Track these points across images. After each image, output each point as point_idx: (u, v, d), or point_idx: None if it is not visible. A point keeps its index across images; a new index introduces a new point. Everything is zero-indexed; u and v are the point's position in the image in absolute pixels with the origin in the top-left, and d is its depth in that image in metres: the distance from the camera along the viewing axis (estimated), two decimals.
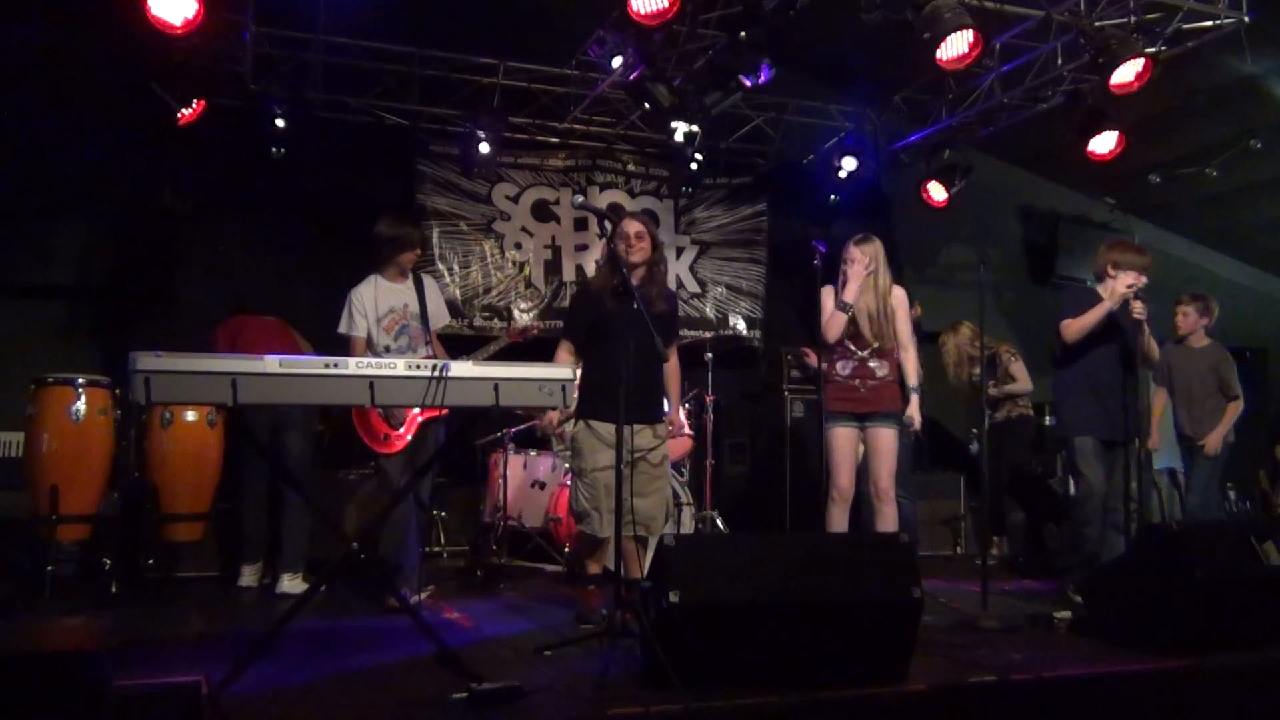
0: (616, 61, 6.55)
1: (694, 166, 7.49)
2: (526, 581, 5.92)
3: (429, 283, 5.24)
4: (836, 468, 4.84)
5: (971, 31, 5.55)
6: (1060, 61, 6.69)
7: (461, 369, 3.43)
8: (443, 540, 6.94)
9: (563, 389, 3.56)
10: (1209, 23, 6.04)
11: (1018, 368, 6.90)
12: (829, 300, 4.94)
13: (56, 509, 4.79)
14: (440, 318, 5.23)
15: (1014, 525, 7.15)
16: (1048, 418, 8.19)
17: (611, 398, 4.09)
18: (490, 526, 6.29)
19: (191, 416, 5.31)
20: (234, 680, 3.18)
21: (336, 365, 3.32)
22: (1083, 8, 6.10)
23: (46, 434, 4.95)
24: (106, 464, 5.11)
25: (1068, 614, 4.38)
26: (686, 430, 6.42)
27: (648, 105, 6.47)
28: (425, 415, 4.97)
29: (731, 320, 8.30)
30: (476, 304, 7.67)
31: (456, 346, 6.33)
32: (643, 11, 5.40)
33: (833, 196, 8.07)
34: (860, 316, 4.89)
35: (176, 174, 6.67)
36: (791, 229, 8.42)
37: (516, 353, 7.03)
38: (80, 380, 5.03)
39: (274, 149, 6.58)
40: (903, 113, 8.01)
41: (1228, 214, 9.00)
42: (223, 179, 6.82)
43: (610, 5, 5.91)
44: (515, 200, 7.91)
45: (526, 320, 7.79)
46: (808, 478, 7.34)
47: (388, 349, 4.99)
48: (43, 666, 2.49)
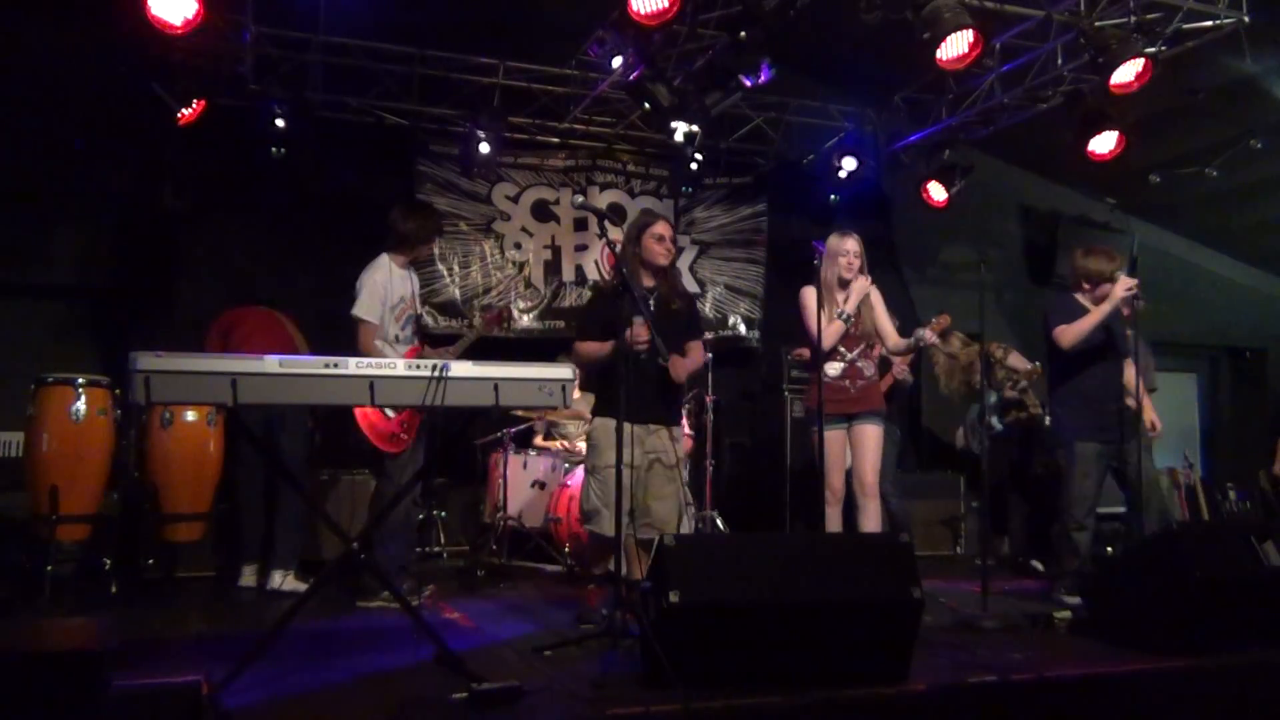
0: (616, 61, 6.55)
1: (694, 166, 7.49)
2: (526, 581, 5.92)
3: (412, 274, 5.26)
4: (827, 469, 4.82)
5: (971, 31, 5.55)
6: (1060, 61, 6.68)
7: (461, 369, 3.44)
8: (443, 540, 6.93)
9: (563, 389, 3.56)
10: (1209, 23, 6.04)
11: (1016, 359, 6.89)
12: (812, 301, 4.82)
13: (56, 509, 4.79)
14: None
15: (1015, 526, 7.16)
16: (1047, 418, 8.20)
17: (631, 396, 4.13)
18: (490, 526, 6.29)
19: (191, 416, 5.31)
20: (234, 680, 3.18)
21: (336, 365, 3.32)
22: (1083, 8, 6.10)
23: (46, 434, 4.95)
24: (106, 464, 5.11)
25: (1068, 614, 4.39)
26: (687, 430, 6.42)
27: (648, 105, 6.47)
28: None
29: (731, 320, 8.31)
30: (476, 304, 7.66)
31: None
32: (643, 11, 5.40)
33: (833, 196, 8.07)
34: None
35: (176, 174, 6.67)
36: (791, 229, 8.42)
37: (517, 353, 7.06)
38: (80, 380, 5.03)
39: (274, 149, 6.58)
40: (903, 113, 8.01)
41: (1228, 214, 8.99)
42: (223, 179, 6.82)
43: (610, 5, 5.90)
44: (515, 200, 7.91)
45: (526, 321, 7.81)
46: (807, 478, 7.34)
47: (397, 339, 5.00)
48: (43, 666, 2.49)
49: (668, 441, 4.49)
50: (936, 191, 7.94)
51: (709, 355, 6.81)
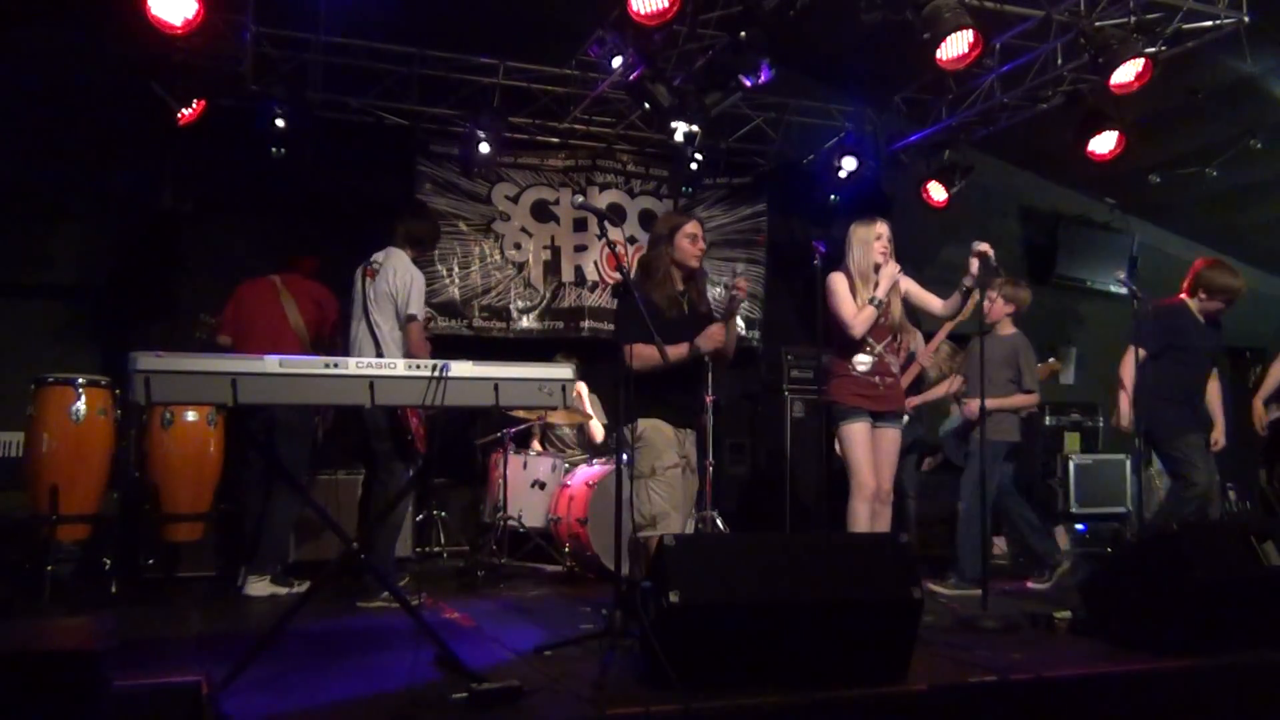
0: (616, 61, 6.55)
1: (694, 166, 7.49)
2: (526, 581, 5.92)
3: None
4: (860, 464, 4.65)
5: (971, 31, 5.55)
6: (1060, 61, 6.68)
7: (461, 369, 3.44)
8: (443, 540, 6.94)
9: (563, 389, 3.57)
10: (1209, 23, 6.04)
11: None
12: (843, 288, 4.70)
13: (56, 509, 4.79)
14: None
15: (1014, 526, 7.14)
16: (1047, 418, 8.21)
17: (676, 399, 4.15)
18: (490, 526, 6.29)
19: (191, 416, 5.31)
20: (234, 680, 3.18)
21: (336, 365, 3.32)
22: (1083, 8, 6.10)
23: (46, 434, 4.95)
24: (106, 464, 5.11)
25: (1068, 614, 4.38)
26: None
27: (648, 105, 6.47)
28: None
29: None
30: (476, 304, 7.67)
31: (456, 347, 6.35)
32: (643, 11, 5.40)
33: (833, 196, 8.07)
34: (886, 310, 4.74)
35: (176, 174, 6.67)
36: (791, 229, 8.42)
37: (517, 353, 7.06)
38: (80, 380, 5.03)
39: (274, 149, 6.58)
40: (903, 113, 8.01)
41: (1228, 214, 8.99)
42: (223, 179, 6.82)
43: (610, 5, 5.90)
44: (515, 200, 7.90)
45: (526, 321, 7.80)
46: (808, 478, 7.35)
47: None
48: (43, 666, 2.49)
49: (693, 446, 4.46)
50: (936, 191, 7.94)
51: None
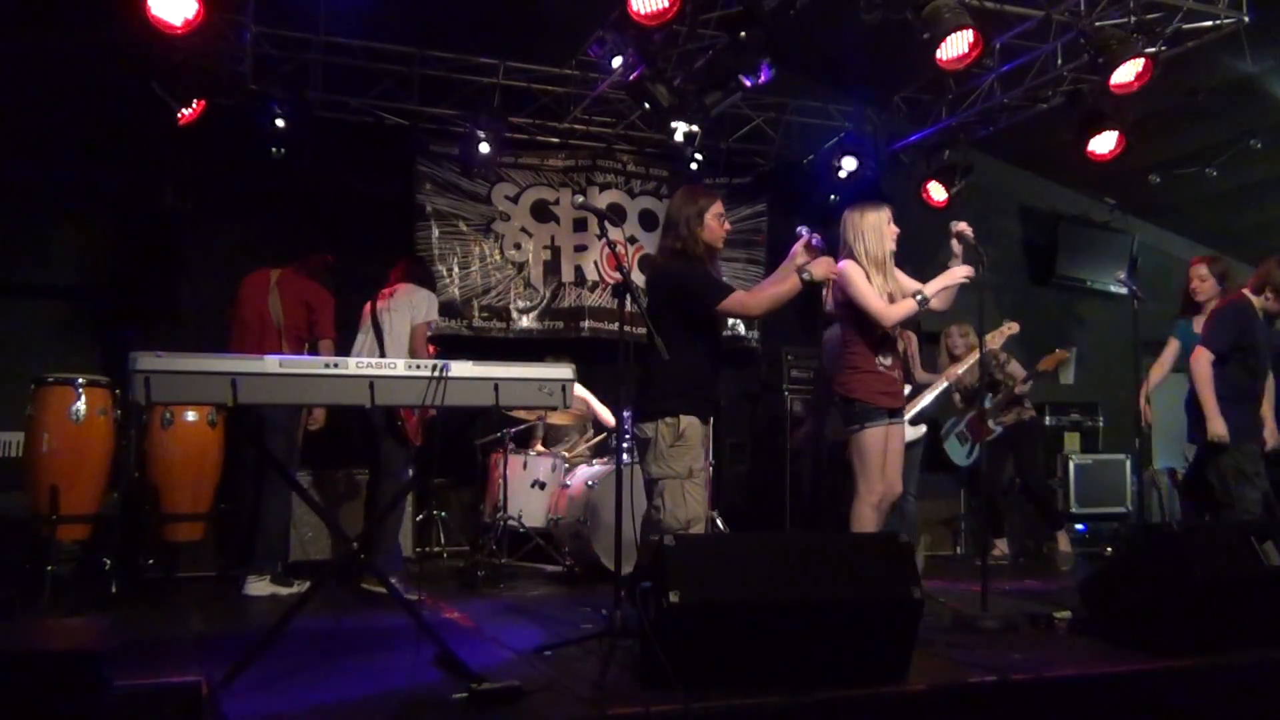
0: (616, 61, 6.55)
1: (694, 166, 7.49)
2: (526, 581, 5.92)
3: None
4: (874, 469, 4.42)
5: (971, 31, 5.55)
6: (1060, 61, 6.68)
7: (461, 369, 3.44)
8: (443, 540, 6.94)
9: (563, 389, 3.56)
10: (1209, 23, 6.04)
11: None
12: (863, 278, 4.48)
13: (56, 509, 4.79)
14: None
15: (1013, 527, 7.17)
16: (1047, 418, 8.22)
17: (707, 392, 4.05)
18: (490, 526, 6.29)
19: (191, 416, 5.31)
20: (234, 680, 3.18)
21: (336, 365, 3.32)
22: (1083, 8, 6.10)
23: (46, 434, 4.95)
24: (106, 464, 5.11)
25: (1068, 614, 4.38)
26: None
27: (648, 105, 6.47)
28: None
29: (731, 321, 8.30)
30: (476, 304, 7.67)
31: (456, 347, 6.35)
32: (643, 11, 5.40)
33: (833, 196, 8.06)
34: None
35: (176, 174, 6.67)
36: (791, 229, 8.39)
37: (517, 353, 7.06)
38: (80, 380, 5.02)
39: (274, 149, 6.58)
40: (903, 113, 8.01)
41: (1228, 214, 8.99)
42: (223, 179, 6.82)
43: (610, 5, 5.91)
44: (515, 200, 7.90)
45: (526, 321, 7.80)
46: (807, 478, 7.35)
47: None
48: (43, 666, 2.49)
49: (708, 442, 4.40)
50: (936, 191, 7.94)
51: None
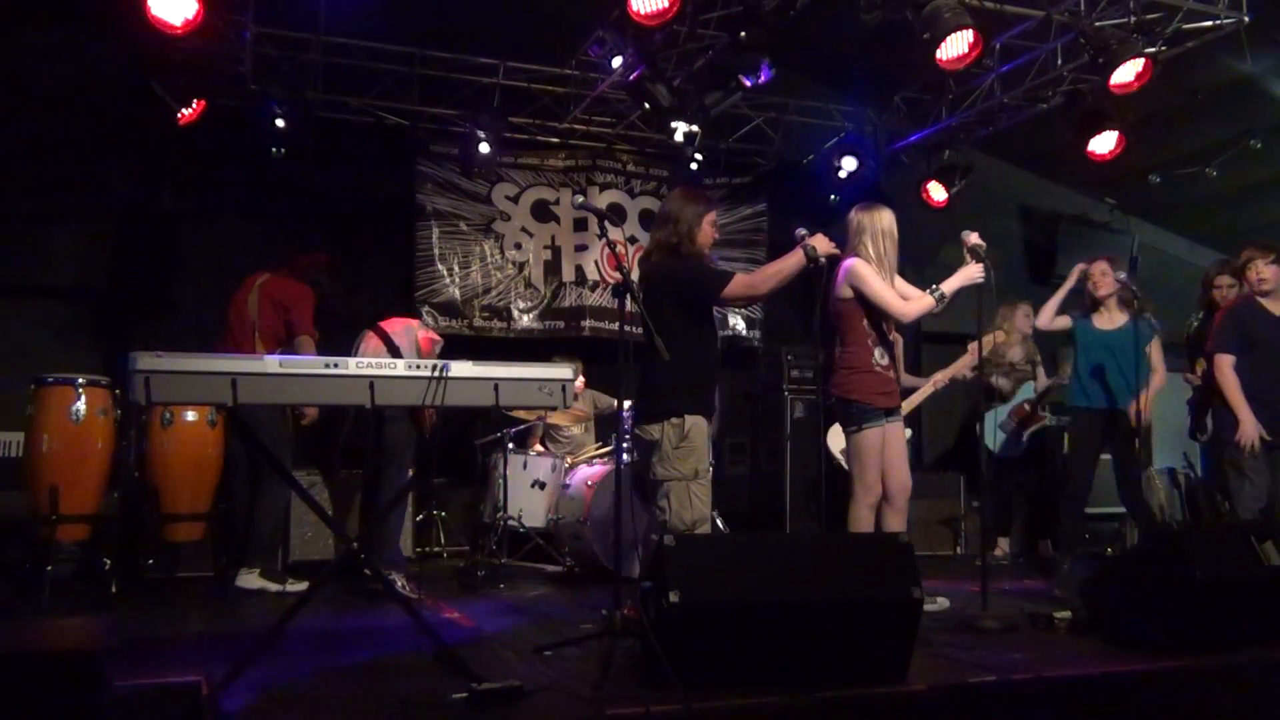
0: (616, 61, 6.55)
1: (694, 166, 7.49)
2: (526, 581, 5.92)
3: None
4: (870, 470, 4.50)
5: (971, 31, 5.54)
6: (1060, 61, 6.69)
7: (462, 369, 3.44)
8: (443, 540, 6.93)
9: (563, 389, 3.56)
10: (1209, 23, 6.04)
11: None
12: (876, 275, 4.54)
13: (56, 509, 4.78)
14: None
15: (1017, 527, 7.18)
16: (1048, 418, 8.20)
17: (710, 391, 4.03)
18: (490, 526, 6.29)
19: (191, 416, 5.30)
20: (234, 680, 3.18)
21: (336, 365, 3.32)
22: (1083, 8, 6.10)
23: (46, 434, 4.95)
24: (106, 464, 5.10)
25: (1068, 614, 4.38)
26: None
27: (648, 105, 6.47)
28: None
29: (731, 320, 8.31)
30: (476, 304, 7.67)
31: (456, 347, 6.35)
32: (643, 11, 5.40)
33: (833, 196, 8.06)
34: None
35: (176, 174, 6.67)
36: (791, 229, 8.39)
37: (517, 353, 7.06)
38: (80, 380, 5.02)
39: (274, 149, 6.58)
40: (903, 113, 8.01)
41: (1228, 214, 8.99)
42: (223, 179, 6.82)
43: (610, 5, 5.90)
44: (515, 200, 7.91)
45: (526, 321, 7.81)
46: (807, 478, 7.35)
47: None
48: (43, 666, 2.49)
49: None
50: (936, 191, 7.94)
51: None
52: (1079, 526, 5.91)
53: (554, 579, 6.03)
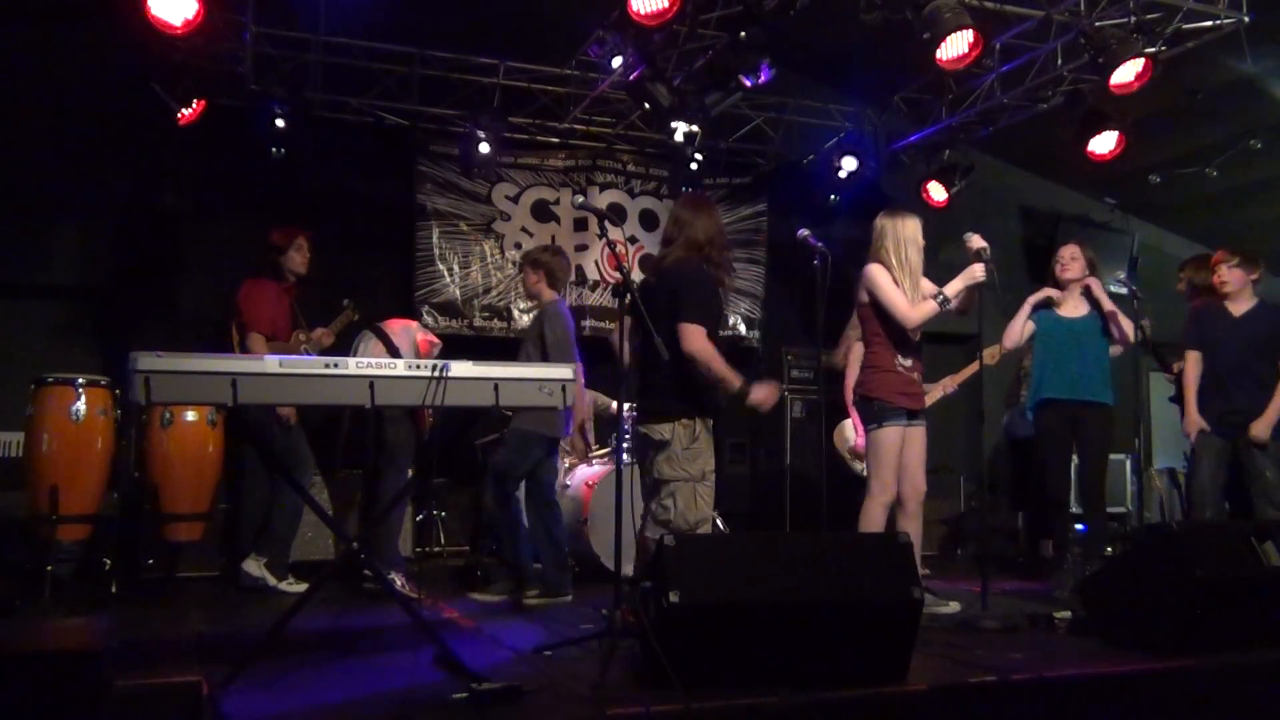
0: (616, 61, 6.55)
1: (694, 166, 7.48)
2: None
3: None
4: (887, 469, 4.57)
5: (971, 31, 5.54)
6: (1060, 61, 6.68)
7: (462, 369, 3.44)
8: (443, 540, 6.93)
9: (563, 389, 3.56)
10: (1209, 23, 6.04)
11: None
12: (889, 280, 4.59)
13: (56, 509, 4.79)
14: None
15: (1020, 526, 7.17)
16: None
17: (714, 393, 4.06)
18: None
19: (191, 416, 5.31)
20: (234, 680, 3.18)
21: (336, 365, 3.32)
22: (1083, 8, 6.09)
23: (46, 434, 4.95)
24: (106, 464, 5.11)
25: (1068, 614, 4.38)
26: None
27: (648, 105, 6.47)
28: None
29: (731, 320, 8.31)
30: (476, 304, 7.67)
31: (457, 347, 6.35)
32: (643, 11, 5.40)
33: (833, 196, 8.06)
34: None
35: (176, 174, 6.67)
36: (791, 229, 8.37)
37: (517, 353, 7.03)
38: (80, 380, 5.03)
39: (274, 149, 6.58)
40: (903, 113, 8.01)
41: (1228, 214, 8.99)
42: (223, 179, 6.82)
43: (610, 5, 5.90)
44: (515, 200, 7.91)
45: (526, 321, 7.80)
46: (808, 478, 7.35)
47: None
48: (43, 666, 2.49)
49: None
50: (936, 191, 7.94)
51: None
52: (1068, 526, 5.77)
53: None
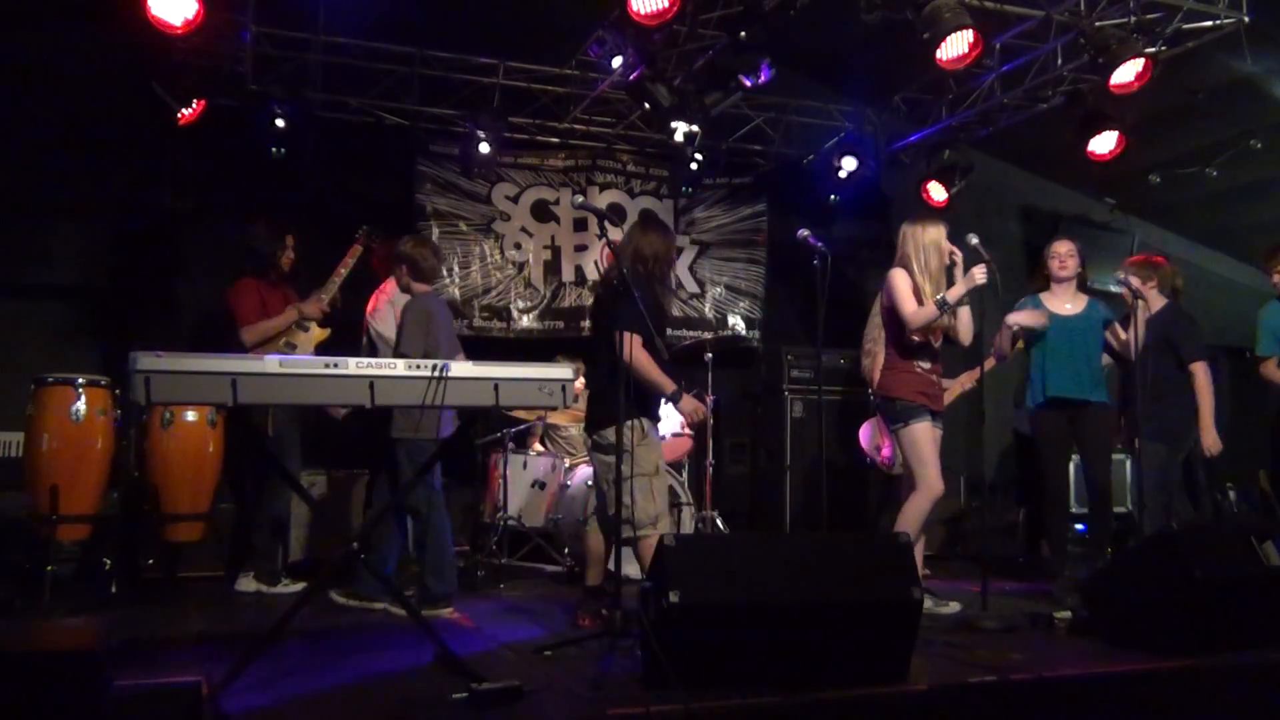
0: (616, 61, 6.55)
1: (694, 166, 7.48)
2: (526, 581, 5.93)
3: None
4: (930, 463, 4.73)
5: (971, 31, 5.54)
6: (1060, 61, 6.68)
7: (462, 369, 3.44)
8: None
9: (563, 389, 3.57)
10: (1209, 23, 6.04)
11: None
12: (906, 285, 4.75)
13: (56, 509, 4.79)
14: None
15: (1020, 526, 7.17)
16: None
17: (655, 398, 4.22)
18: (490, 526, 6.29)
19: (191, 416, 5.31)
20: (234, 681, 3.18)
21: (336, 365, 3.32)
22: (1083, 8, 6.09)
23: (46, 434, 4.95)
24: (106, 464, 5.11)
25: (1068, 614, 4.38)
26: (686, 430, 6.42)
27: (648, 105, 6.47)
28: None
29: (730, 320, 8.31)
30: (476, 304, 7.67)
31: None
32: (643, 11, 5.40)
33: (833, 196, 8.06)
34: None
35: (176, 174, 6.67)
36: (791, 229, 8.38)
37: (517, 353, 7.05)
38: (80, 380, 5.02)
39: (274, 149, 6.58)
40: (903, 113, 8.01)
41: (1228, 214, 8.99)
42: (223, 179, 6.82)
43: (610, 5, 5.90)
44: (515, 200, 7.90)
45: (526, 321, 7.81)
46: (808, 478, 7.35)
47: None
48: (43, 666, 2.49)
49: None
50: (936, 191, 7.93)
51: (709, 355, 6.84)
52: (1066, 528, 5.69)
53: (554, 579, 6.04)
